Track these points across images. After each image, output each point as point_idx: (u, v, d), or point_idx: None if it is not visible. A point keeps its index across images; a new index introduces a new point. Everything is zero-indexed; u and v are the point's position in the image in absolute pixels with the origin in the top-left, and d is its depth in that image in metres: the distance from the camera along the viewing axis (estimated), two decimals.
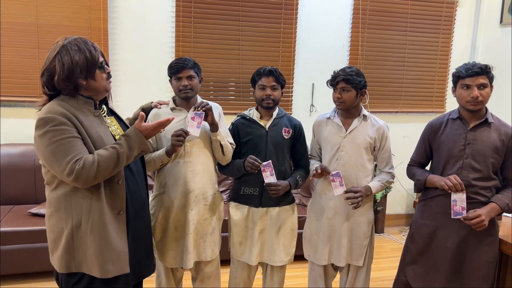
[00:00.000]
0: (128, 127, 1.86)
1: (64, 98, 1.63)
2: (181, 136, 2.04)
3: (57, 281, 1.80)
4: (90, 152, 1.60)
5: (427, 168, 2.35)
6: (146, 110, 2.28)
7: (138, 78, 3.72)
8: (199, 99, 2.27)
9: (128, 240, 1.73)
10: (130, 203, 1.75)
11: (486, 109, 2.12)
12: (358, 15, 4.13)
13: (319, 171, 2.19)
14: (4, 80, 3.45)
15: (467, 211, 2.02)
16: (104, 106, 1.79)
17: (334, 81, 2.22)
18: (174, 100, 2.26)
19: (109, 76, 1.72)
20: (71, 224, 1.64)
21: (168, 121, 1.68)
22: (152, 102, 2.29)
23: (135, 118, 2.25)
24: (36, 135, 1.56)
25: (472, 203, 2.05)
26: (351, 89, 2.20)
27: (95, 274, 1.65)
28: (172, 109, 2.22)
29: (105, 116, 1.76)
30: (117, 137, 1.73)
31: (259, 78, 2.27)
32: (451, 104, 4.50)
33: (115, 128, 1.78)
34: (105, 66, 1.70)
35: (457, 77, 2.09)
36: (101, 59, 1.67)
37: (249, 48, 3.94)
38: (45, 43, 3.48)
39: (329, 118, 2.35)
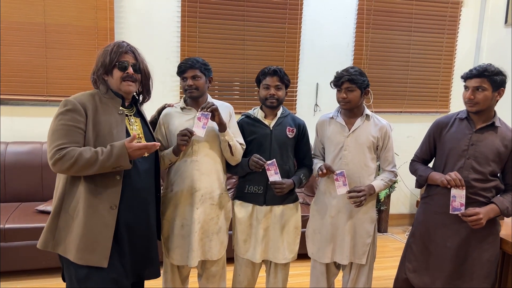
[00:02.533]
0: (150, 132, 1.98)
1: (98, 91, 1.84)
2: (185, 136, 2.06)
3: (63, 279, 1.87)
4: (88, 143, 1.72)
5: (430, 165, 2.37)
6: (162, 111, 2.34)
7: None
8: (210, 99, 2.29)
9: (124, 237, 1.79)
10: (131, 201, 1.80)
11: (495, 112, 2.13)
12: (363, 15, 4.14)
13: (324, 171, 2.21)
14: (12, 78, 3.50)
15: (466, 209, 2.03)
16: (134, 107, 1.95)
17: (338, 82, 2.24)
18: (184, 100, 2.29)
19: (127, 77, 1.80)
20: (60, 204, 1.75)
21: (154, 146, 1.73)
22: (166, 104, 2.34)
23: (152, 121, 2.31)
24: (56, 112, 1.74)
25: (471, 203, 2.07)
26: (355, 88, 2.22)
27: (71, 257, 1.72)
28: (182, 109, 2.25)
29: (131, 115, 1.89)
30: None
31: (263, 77, 2.29)
32: (456, 104, 4.51)
33: (136, 128, 1.88)
34: (128, 67, 1.80)
35: (462, 78, 2.14)
36: (124, 59, 1.80)
37: (254, 48, 3.96)
38: (52, 42, 3.52)
39: (332, 117, 2.37)
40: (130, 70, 1.81)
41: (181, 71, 2.18)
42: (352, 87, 2.21)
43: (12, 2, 3.41)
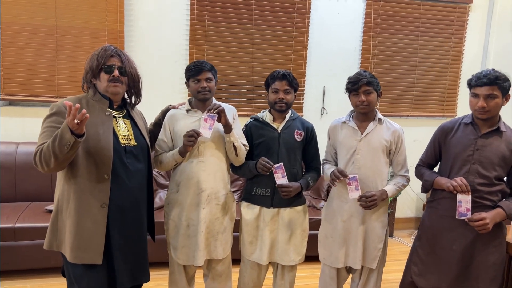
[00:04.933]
0: (142, 135, 2.00)
1: (86, 94, 1.91)
2: (192, 136, 2.09)
3: (62, 274, 1.95)
4: None
5: (435, 169, 2.38)
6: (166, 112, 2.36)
7: (153, 79, 3.79)
8: (214, 101, 2.32)
9: (115, 236, 1.84)
10: (121, 200, 1.85)
11: (500, 117, 2.13)
12: (370, 19, 4.16)
13: (341, 178, 2.20)
14: (24, 80, 3.55)
15: (472, 214, 2.04)
16: (125, 110, 1.99)
17: (355, 85, 2.23)
18: (190, 102, 2.32)
19: (113, 79, 1.85)
20: (57, 206, 1.84)
21: (76, 108, 1.54)
22: (170, 105, 2.37)
23: (156, 123, 2.34)
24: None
25: (477, 207, 2.08)
26: (373, 91, 2.24)
27: (67, 257, 1.80)
28: (187, 111, 2.28)
29: (119, 117, 1.93)
30: (121, 137, 1.88)
31: (272, 81, 2.31)
32: (462, 108, 4.51)
33: (124, 129, 1.92)
34: (114, 70, 1.84)
35: (469, 85, 2.12)
36: (110, 63, 1.85)
37: (261, 51, 3.99)
38: (63, 44, 3.57)
39: (344, 122, 2.37)
40: (116, 72, 1.86)
41: (195, 73, 2.20)
42: (370, 90, 2.22)
43: (25, 5, 3.47)
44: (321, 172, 2.50)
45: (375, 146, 2.29)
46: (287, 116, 2.37)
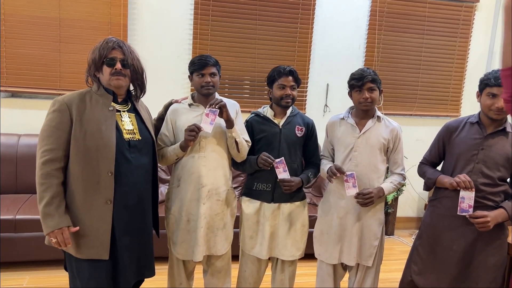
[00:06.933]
0: (147, 128, 1.99)
1: (91, 89, 1.89)
2: (193, 131, 2.08)
3: (65, 268, 1.94)
4: (77, 141, 1.76)
5: (438, 168, 2.36)
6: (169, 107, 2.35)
7: (155, 74, 3.78)
8: (217, 96, 2.31)
9: (119, 232, 1.83)
10: (125, 196, 1.84)
11: (506, 118, 2.11)
12: (375, 16, 4.14)
13: (337, 174, 2.20)
14: (26, 72, 3.55)
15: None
16: (130, 103, 1.97)
17: (360, 82, 2.21)
18: (192, 97, 2.31)
19: (116, 73, 1.83)
20: None
21: None
22: (172, 99, 2.35)
23: (159, 118, 2.33)
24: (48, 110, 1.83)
25: (480, 207, 2.06)
26: (376, 88, 2.23)
27: (72, 253, 1.80)
28: (190, 105, 2.27)
29: (123, 111, 1.91)
30: (125, 132, 1.87)
31: (279, 77, 2.30)
32: (466, 108, 4.48)
33: (128, 123, 1.90)
34: (116, 63, 1.82)
35: (485, 84, 2.06)
36: (112, 55, 1.83)
37: (265, 47, 3.98)
38: (66, 37, 3.57)
39: (342, 118, 2.36)
40: (118, 65, 1.83)
41: (200, 67, 2.18)
42: (374, 87, 2.21)
43: None
44: None
45: (373, 143, 2.28)
46: (288, 112, 2.37)
